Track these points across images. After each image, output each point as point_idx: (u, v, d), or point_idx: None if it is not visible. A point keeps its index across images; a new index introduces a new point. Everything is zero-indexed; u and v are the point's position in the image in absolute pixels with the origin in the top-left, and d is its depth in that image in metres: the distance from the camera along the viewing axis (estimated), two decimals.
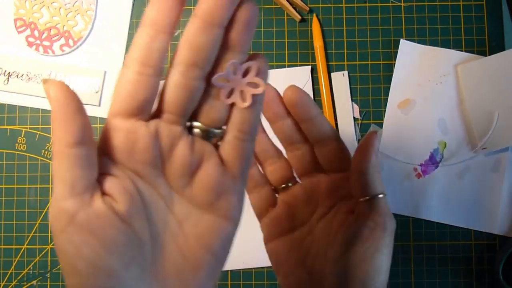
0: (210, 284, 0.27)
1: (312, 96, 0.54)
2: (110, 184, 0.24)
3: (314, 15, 0.55)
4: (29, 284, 0.54)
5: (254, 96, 0.25)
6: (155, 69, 0.24)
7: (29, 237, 0.54)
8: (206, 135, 0.26)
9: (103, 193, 0.24)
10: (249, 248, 0.54)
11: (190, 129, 0.26)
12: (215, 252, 0.27)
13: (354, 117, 0.54)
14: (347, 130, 0.54)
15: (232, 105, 0.26)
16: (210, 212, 0.27)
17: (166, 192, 0.26)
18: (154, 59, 0.23)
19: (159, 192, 0.26)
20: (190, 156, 0.25)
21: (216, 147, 0.27)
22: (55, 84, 0.22)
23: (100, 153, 0.24)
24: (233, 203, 0.27)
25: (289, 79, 0.54)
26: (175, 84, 0.24)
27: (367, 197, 0.31)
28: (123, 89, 0.24)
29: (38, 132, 0.55)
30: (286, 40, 0.55)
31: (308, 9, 0.55)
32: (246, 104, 0.25)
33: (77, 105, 0.23)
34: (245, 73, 0.25)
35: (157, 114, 0.25)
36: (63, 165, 0.22)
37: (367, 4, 0.55)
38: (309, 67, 0.54)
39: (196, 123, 0.26)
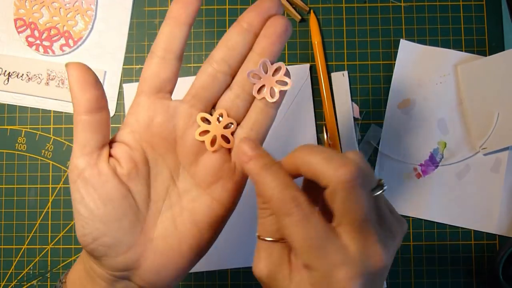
0: (192, 257, 0.30)
1: (311, 96, 0.54)
2: (119, 150, 0.29)
3: (312, 11, 0.55)
4: (29, 284, 0.54)
5: (281, 92, 0.29)
6: (176, 55, 0.29)
7: (29, 237, 0.54)
8: (226, 127, 0.30)
9: (111, 156, 0.28)
10: (249, 247, 0.54)
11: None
12: (202, 229, 0.30)
13: (354, 117, 0.54)
14: (347, 130, 0.54)
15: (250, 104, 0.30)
16: (207, 193, 0.30)
17: (174, 166, 0.30)
18: (175, 46, 0.28)
19: (168, 164, 0.30)
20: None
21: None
22: (73, 64, 0.28)
23: (124, 123, 0.29)
24: (229, 190, 0.30)
25: None
26: (204, 73, 0.29)
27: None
28: (148, 70, 0.29)
29: (38, 132, 0.55)
30: None
31: (308, 9, 0.55)
32: (274, 99, 0.29)
33: (89, 80, 0.27)
34: (274, 72, 0.29)
35: (184, 99, 0.29)
36: (77, 129, 0.28)
37: (367, 4, 0.56)
38: (308, 65, 0.54)
39: (219, 115, 0.29)
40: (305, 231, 0.24)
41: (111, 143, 0.29)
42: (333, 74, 0.55)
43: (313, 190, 0.27)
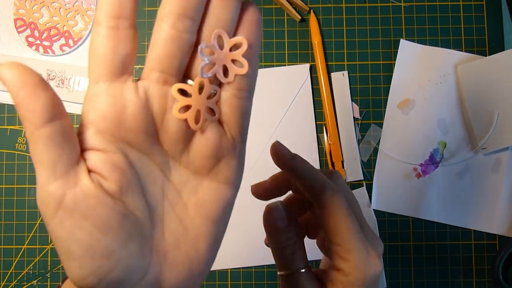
0: (212, 254, 0.26)
1: (312, 96, 0.54)
2: (96, 160, 0.22)
3: (312, 11, 0.55)
4: (29, 284, 0.54)
5: (236, 76, 0.23)
6: (130, 21, 0.22)
7: (29, 237, 0.54)
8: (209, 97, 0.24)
9: (90, 171, 0.22)
10: (249, 247, 0.54)
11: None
12: (216, 220, 0.25)
13: (354, 117, 0.54)
14: (347, 130, 0.54)
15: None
16: (209, 178, 0.25)
17: (162, 160, 0.25)
18: (126, 9, 0.22)
19: (154, 160, 0.24)
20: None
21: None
22: (8, 66, 0.20)
23: (84, 126, 0.23)
24: (233, 167, 0.25)
25: (288, 77, 0.54)
26: (164, 38, 0.22)
27: (285, 272, 0.31)
28: (101, 48, 0.22)
29: None
30: (286, 40, 0.55)
31: (308, 9, 0.55)
32: (227, 80, 0.23)
33: (36, 82, 0.21)
34: (232, 49, 0.23)
35: (145, 77, 0.23)
36: (38, 147, 0.21)
37: (367, 4, 0.55)
38: (308, 65, 0.54)
39: (189, 81, 0.24)
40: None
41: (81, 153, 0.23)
42: (333, 74, 0.55)
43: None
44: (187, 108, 0.23)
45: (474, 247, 0.54)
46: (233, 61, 0.23)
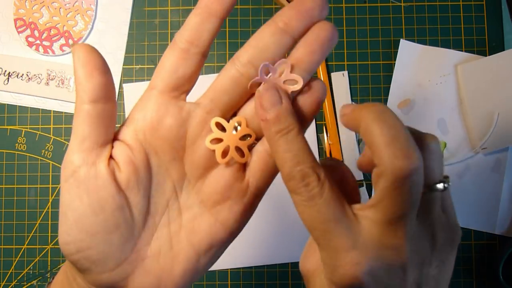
0: (185, 280, 0.27)
1: None
2: (120, 151, 0.25)
3: None
4: (29, 284, 0.54)
5: (293, 93, 0.25)
6: (201, 49, 0.24)
7: (29, 237, 0.54)
8: (242, 140, 0.26)
9: (111, 157, 0.25)
10: (250, 247, 0.54)
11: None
12: (199, 252, 0.26)
13: None
14: (347, 130, 0.54)
15: None
16: (210, 213, 0.26)
17: (178, 177, 0.26)
18: (202, 39, 0.24)
19: (171, 174, 0.26)
20: (214, 152, 0.26)
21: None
22: (79, 46, 0.24)
23: (128, 119, 0.25)
24: (236, 213, 0.26)
25: None
26: (226, 75, 0.25)
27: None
28: (166, 63, 0.25)
29: (38, 132, 0.55)
30: None
31: None
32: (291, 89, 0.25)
33: (97, 64, 0.24)
34: (281, 74, 0.25)
35: (198, 101, 0.26)
36: (77, 119, 0.24)
37: (367, 4, 0.55)
38: None
39: (238, 125, 0.26)
40: (310, 212, 0.23)
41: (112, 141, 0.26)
42: (333, 74, 0.55)
43: None
44: (218, 141, 0.25)
45: (474, 247, 0.54)
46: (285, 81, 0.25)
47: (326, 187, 0.23)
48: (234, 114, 0.26)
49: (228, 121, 0.25)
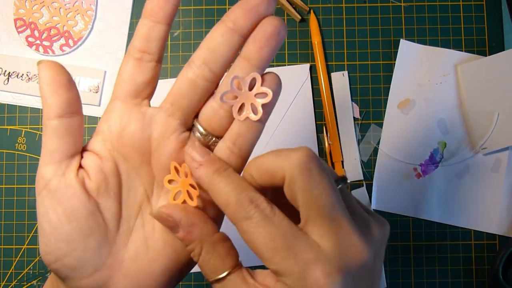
0: (167, 280, 0.27)
1: (312, 96, 0.54)
2: (89, 161, 0.26)
3: (312, 11, 0.55)
4: (29, 284, 0.54)
5: (264, 106, 0.26)
6: (154, 56, 0.26)
7: (29, 237, 0.54)
8: (205, 140, 0.27)
9: (81, 167, 0.26)
10: (248, 247, 0.54)
11: (191, 130, 0.27)
12: (177, 250, 0.27)
13: (354, 117, 0.54)
14: (347, 130, 0.54)
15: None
16: None
17: (148, 181, 0.27)
18: (152, 47, 0.26)
19: (141, 178, 0.27)
20: (179, 153, 0.26)
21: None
22: (45, 63, 0.25)
23: (96, 131, 0.27)
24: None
25: (288, 77, 0.54)
26: (184, 78, 0.26)
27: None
28: (124, 73, 0.26)
29: (38, 132, 0.55)
30: (286, 40, 0.55)
31: (308, 9, 0.55)
32: (258, 117, 0.26)
33: (62, 81, 0.25)
34: (251, 86, 0.25)
35: (160, 106, 0.27)
36: (45, 135, 0.25)
37: (367, 4, 0.55)
38: (308, 65, 0.54)
39: (199, 126, 0.27)
40: (268, 231, 0.23)
41: (82, 152, 0.27)
42: (333, 74, 0.55)
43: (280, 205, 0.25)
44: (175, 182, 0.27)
45: (474, 247, 0.54)
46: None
47: (275, 207, 0.24)
48: (196, 116, 0.27)
49: (192, 123, 0.27)
